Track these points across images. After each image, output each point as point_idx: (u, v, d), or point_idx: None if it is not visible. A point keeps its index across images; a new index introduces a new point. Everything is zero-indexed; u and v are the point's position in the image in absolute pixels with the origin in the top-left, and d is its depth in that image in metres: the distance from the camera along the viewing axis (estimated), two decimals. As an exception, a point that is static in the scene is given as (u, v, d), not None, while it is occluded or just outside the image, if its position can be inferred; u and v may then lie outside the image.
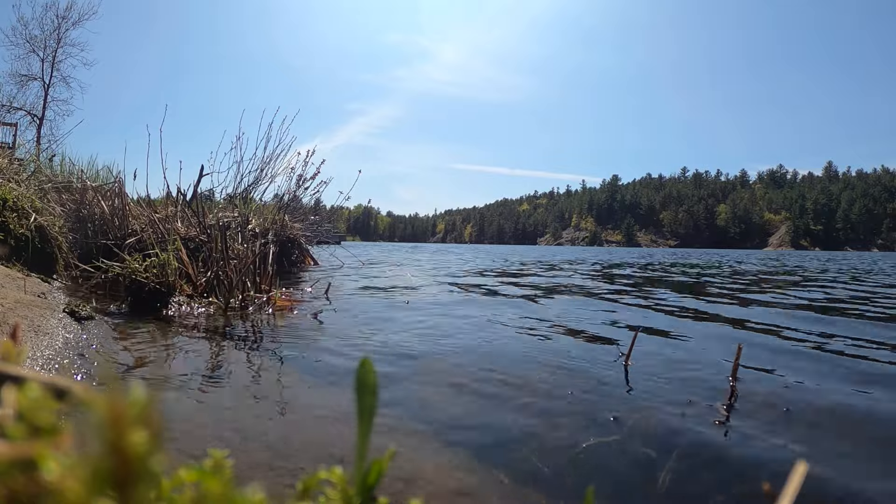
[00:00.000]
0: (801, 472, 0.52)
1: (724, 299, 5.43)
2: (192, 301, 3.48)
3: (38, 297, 3.06)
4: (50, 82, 23.17)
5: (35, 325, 2.27)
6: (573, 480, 1.26)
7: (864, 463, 1.40)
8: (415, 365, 2.30)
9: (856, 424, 1.70)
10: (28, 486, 0.24)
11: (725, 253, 50.19)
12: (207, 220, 5.43)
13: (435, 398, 1.85)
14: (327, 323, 3.31)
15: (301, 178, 7.95)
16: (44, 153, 9.89)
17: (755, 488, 1.22)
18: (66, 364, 1.95)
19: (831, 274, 11.03)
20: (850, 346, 2.93)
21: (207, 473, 0.34)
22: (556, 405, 1.80)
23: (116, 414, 0.26)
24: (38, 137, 21.41)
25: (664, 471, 1.30)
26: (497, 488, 1.21)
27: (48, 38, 23.14)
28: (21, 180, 4.88)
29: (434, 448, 1.42)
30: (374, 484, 0.47)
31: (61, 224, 4.94)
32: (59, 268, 4.69)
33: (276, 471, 1.24)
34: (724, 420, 1.69)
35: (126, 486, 0.26)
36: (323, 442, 1.42)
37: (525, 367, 2.31)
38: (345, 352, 2.51)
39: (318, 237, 9.19)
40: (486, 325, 3.39)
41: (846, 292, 6.45)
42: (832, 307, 4.91)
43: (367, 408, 0.48)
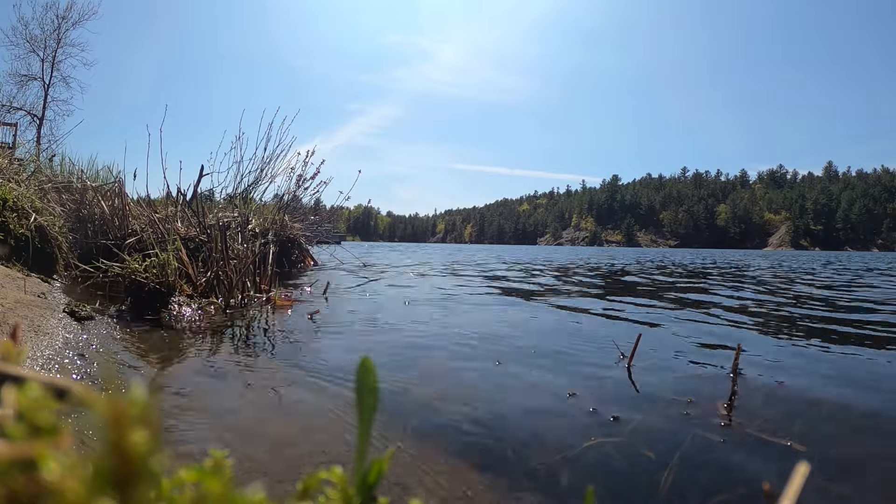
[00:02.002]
0: (803, 473, 0.52)
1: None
2: (192, 301, 3.48)
3: (38, 297, 3.06)
4: (50, 82, 23.20)
5: (35, 325, 2.27)
6: (574, 480, 1.26)
7: (866, 463, 1.41)
8: (415, 362, 2.30)
9: (856, 424, 1.70)
10: (28, 486, 0.24)
11: (732, 253, 50.07)
12: (207, 220, 5.43)
13: (431, 397, 1.85)
14: (326, 323, 3.31)
15: (301, 178, 7.95)
16: (44, 153, 9.89)
17: (756, 489, 1.22)
18: (65, 364, 1.95)
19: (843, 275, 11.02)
20: (854, 347, 2.93)
21: (207, 473, 0.34)
22: (557, 405, 1.80)
23: (118, 414, 0.26)
24: (38, 137, 21.43)
25: (666, 471, 1.30)
26: (497, 487, 1.21)
27: (48, 38, 23.18)
28: (21, 180, 4.88)
29: (432, 448, 1.42)
30: (375, 484, 0.47)
31: (61, 224, 4.94)
32: (59, 268, 4.69)
33: (276, 470, 1.24)
34: (725, 420, 1.69)
35: (127, 485, 0.26)
36: (323, 441, 1.42)
37: (524, 366, 2.31)
38: (343, 351, 2.51)
39: (318, 237, 9.19)
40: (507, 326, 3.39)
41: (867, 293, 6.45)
42: (836, 308, 4.91)
43: (368, 407, 0.48)
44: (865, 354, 2.71)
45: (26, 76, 22.82)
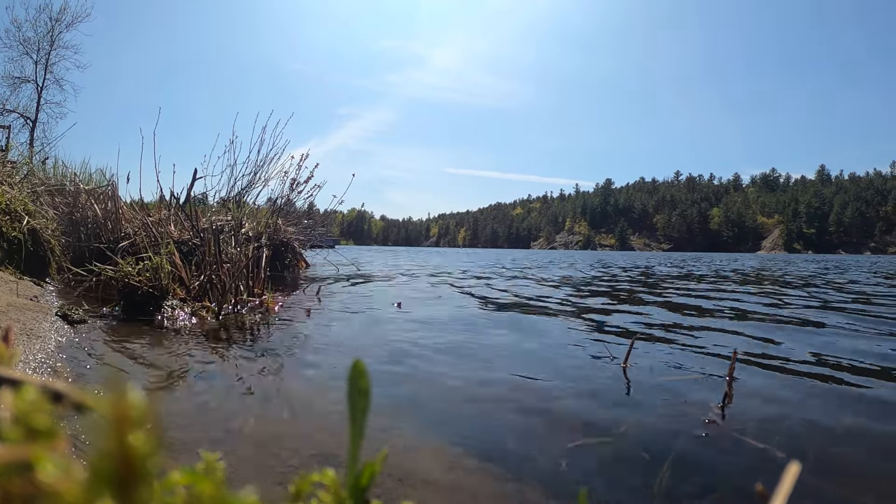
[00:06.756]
0: (794, 473, 0.53)
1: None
2: (186, 305, 3.47)
3: (31, 300, 3.04)
4: (43, 85, 23.03)
5: (27, 328, 2.26)
6: (568, 481, 1.26)
7: (859, 465, 1.42)
8: (408, 366, 2.30)
9: (848, 427, 1.71)
10: (25, 489, 0.25)
11: (737, 257, 50.23)
12: (201, 223, 5.42)
13: (427, 398, 1.86)
14: (319, 325, 3.31)
15: (294, 182, 7.93)
16: (37, 156, 9.83)
17: (749, 489, 1.23)
18: (58, 367, 1.94)
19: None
20: (849, 354, 2.95)
21: (200, 476, 0.35)
22: (553, 406, 1.81)
23: (118, 415, 0.26)
24: (31, 140, 21.27)
25: (660, 471, 1.31)
26: (492, 488, 1.22)
27: (41, 41, 23.00)
28: (14, 183, 4.86)
29: (431, 447, 1.42)
30: (367, 486, 0.47)
31: (54, 227, 4.92)
32: (52, 271, 4.67)
33: (268, 472, 1.24)
34: (719, 421, 1.70)
35: (128, 487, 0.26)
36: (315, 443, 1.42)
37: (520, 365, 2.32)
38: (336, 353, 2.51)
39: (312, 241, 9.18)
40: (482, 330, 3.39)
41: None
42: (828, 309, 4.94)
43: (359, 409, 0.49)
44: (863, 361, 2.73)
45: (19, 78, 22.66)
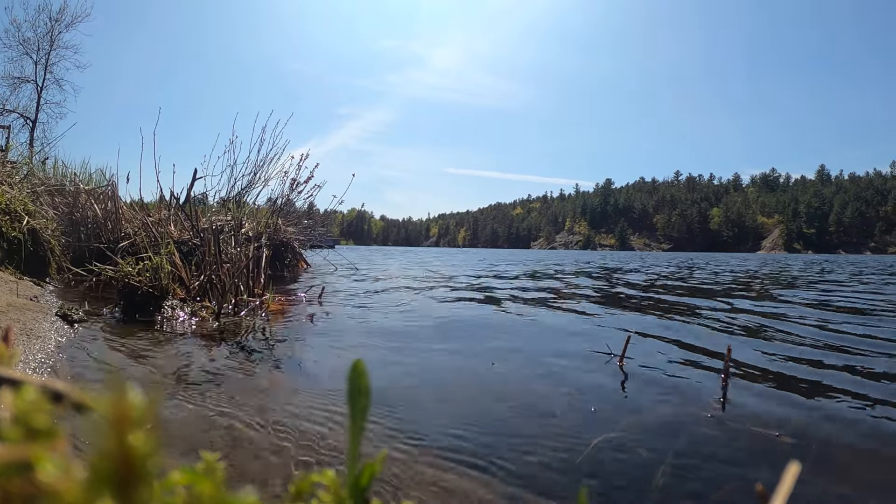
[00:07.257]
0: (794, 473, 0.53)
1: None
2: (186, 305, 3.47)
3: (31, 300, 3.04)
4: (43, 85, 23.04)
5: (27, 328, 2.27)
6: (566, 479, 1.26)
7: (860, 461, 1.42)
8: (408, 367, 2.30)
9: (848, 423, 1.71)
10: (25, 489, 0.25)
11: (745, 257, 50.14)
12: (201, 223, 5.42)
13: (424, 397, 1.86)
14: (320, 326, 3.31)
15: (294, 182, 7.93)
16: (37, 156, 9.82)
17: (749, 488, 1.23)
18: (58, 367, 1.94)
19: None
20: (847, 349, 2.96)
21: (200, 476, 0.35)
22: (551, 404, 1.81)
23: (119, 415, 0.26)
24: (30, 140, 21.27)
25: (660, 469, 1.31)
26: (490, 487, 1.22)
27: (41, 41, 23.01)
28: (14, 183, 4.86)
29: (429, 448, 1.42)
30: (367, 486, 0.47)
31: (54, 227, 4.92)
32: (52, 271, 4.67)
33: (268, 473, 1.24)
34: (717, 418, 1.70)
35: (128, 487, 0.26)
36: (315, 443, 1.42)
37: (518, 364, 2.32)
38: (337, 354, 2.51)
39: (312, 241, 9.19)
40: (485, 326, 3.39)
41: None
42: (822, 306, 4.94)
43: (359, 409, 0.49)
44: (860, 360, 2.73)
45: (19, 79, 22.67)
